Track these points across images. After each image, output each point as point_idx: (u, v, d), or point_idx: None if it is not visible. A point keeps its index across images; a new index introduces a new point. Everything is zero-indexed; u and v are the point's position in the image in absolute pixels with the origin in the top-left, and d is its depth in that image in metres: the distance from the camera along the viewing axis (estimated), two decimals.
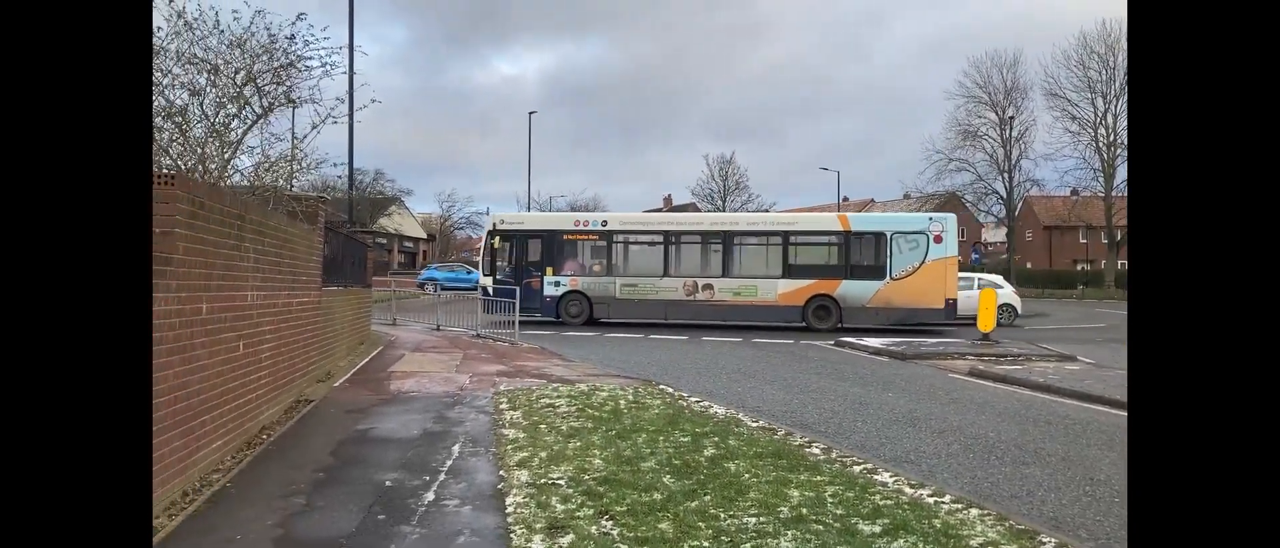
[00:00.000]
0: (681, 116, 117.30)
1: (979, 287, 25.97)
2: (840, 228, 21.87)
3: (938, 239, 20.78)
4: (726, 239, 22.01)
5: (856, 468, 6.22)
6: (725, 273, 21.68)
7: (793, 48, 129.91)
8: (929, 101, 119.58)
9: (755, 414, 8.67)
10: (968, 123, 51.49)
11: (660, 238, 22.44)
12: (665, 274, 21.87)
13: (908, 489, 5.66)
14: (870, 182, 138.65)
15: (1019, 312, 25.61)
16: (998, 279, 27.14)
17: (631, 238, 22.84)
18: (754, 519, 4.84)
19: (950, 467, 6.87)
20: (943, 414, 9.32)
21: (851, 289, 20.94)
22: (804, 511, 5.02)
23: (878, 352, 15.72)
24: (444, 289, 30.34)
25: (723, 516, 4.91)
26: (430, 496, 5.40)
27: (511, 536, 4.57)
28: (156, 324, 4.67)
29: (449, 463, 6.29)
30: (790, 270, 21.35)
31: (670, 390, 10.05)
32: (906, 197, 65.69)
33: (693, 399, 9.40)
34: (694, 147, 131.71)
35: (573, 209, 57.45)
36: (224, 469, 5.92)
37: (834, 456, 6.65)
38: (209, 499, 5.21)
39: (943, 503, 5.33)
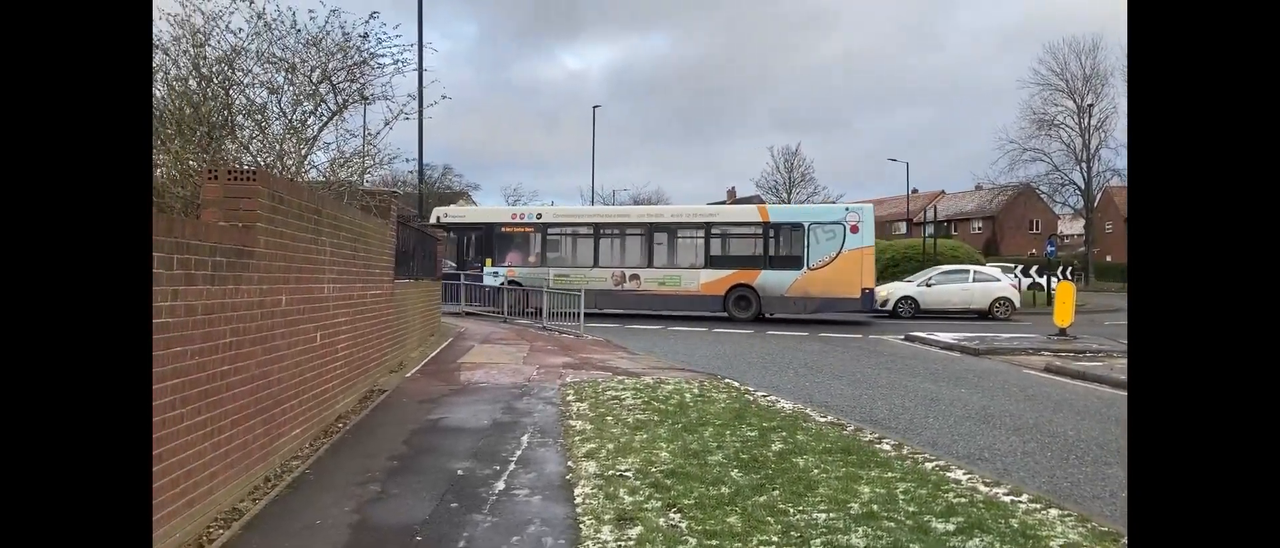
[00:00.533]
0: (747, 108, 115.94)
1: (975, 279, 24.82)
2: (760, 219, 22.14)
3: (854, 229, 20.71)
4: (652, 231, 22.37)
5: (928, 465, 6.10)
6: (651, 264, 22.08)
7: (862, 37, 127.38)
8: (1003, 90, 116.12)
9: (823, 409, 8.56)
10: (1043, 111, 49.63)
11: (590, 230, 22.80)
12: (595, 265, 22.26)
13: (982, 487, 5.52)
14: (941, 173, 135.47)
15: (1016, 306, 24.25)
16: (995, 272, 25.80)
17: (564, 230, 23.28)
18: (824, 515, 4.78)
19: (1027, 465, 6.67)
20: (1018, 411, 9.07)
21: (770, 279, 21.12)
22: (875, 507, 4.94)
23: (949, 346, 15.37)
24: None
25: (792, 511, 4.86)
26: (501, 485, 5.48)
27: (581, 526, 4.60)
28: (240, 315, 4.84)
29: (518, 453, 6.37)
30: (712, 261, 21.76)
31: (736, 385, 10.00)
32: (978, 188, 63.99)
33: (759, 394, 9.33)
34: (759, 138, 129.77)
35: (635, 202, 57.46)
36: (303, 456, 6.11)
37: (905, 452, 6.53)
38: (289, 485, 5.39)
39: (1020, 502, 5.18)
